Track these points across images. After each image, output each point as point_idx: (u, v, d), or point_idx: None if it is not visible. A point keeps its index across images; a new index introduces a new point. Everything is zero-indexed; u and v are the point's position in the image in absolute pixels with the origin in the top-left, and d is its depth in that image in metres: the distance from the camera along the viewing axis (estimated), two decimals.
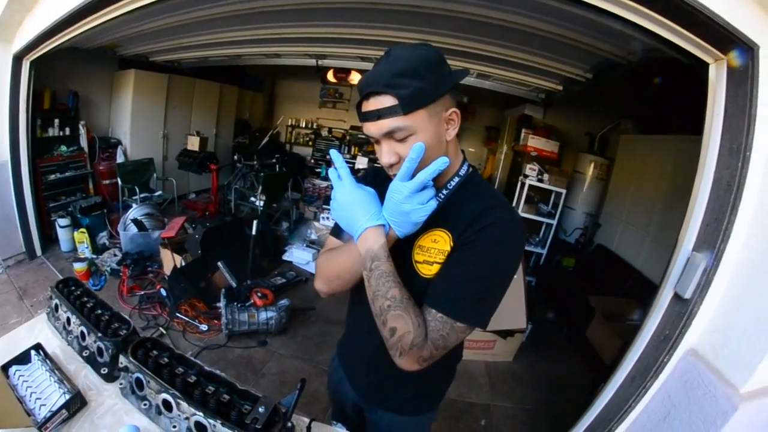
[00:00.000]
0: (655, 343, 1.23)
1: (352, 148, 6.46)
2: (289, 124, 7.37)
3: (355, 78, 5.58)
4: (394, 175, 0.76)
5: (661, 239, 3.20)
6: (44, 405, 1.08)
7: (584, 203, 4.38)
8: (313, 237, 4.55)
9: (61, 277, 3.24)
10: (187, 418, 0.98)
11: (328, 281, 0.92)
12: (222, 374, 1.21)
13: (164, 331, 2.84)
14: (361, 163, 5.44)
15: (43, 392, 1.12)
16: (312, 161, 6.95)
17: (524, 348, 2.90)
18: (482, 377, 2.73)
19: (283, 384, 2.46)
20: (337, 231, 0.97)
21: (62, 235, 3.90)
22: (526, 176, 4.19)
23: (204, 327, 2.88)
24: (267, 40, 3.60)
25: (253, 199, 4.74)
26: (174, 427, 1.00)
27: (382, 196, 0.80)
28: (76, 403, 1.10)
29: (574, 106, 4.43)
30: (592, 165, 4.30)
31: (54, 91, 4.20)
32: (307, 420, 1.09)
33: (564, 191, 4.14)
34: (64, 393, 1.11)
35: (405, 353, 0.73)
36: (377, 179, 0.89)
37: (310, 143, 7.23)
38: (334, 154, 0.85)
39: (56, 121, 4.24)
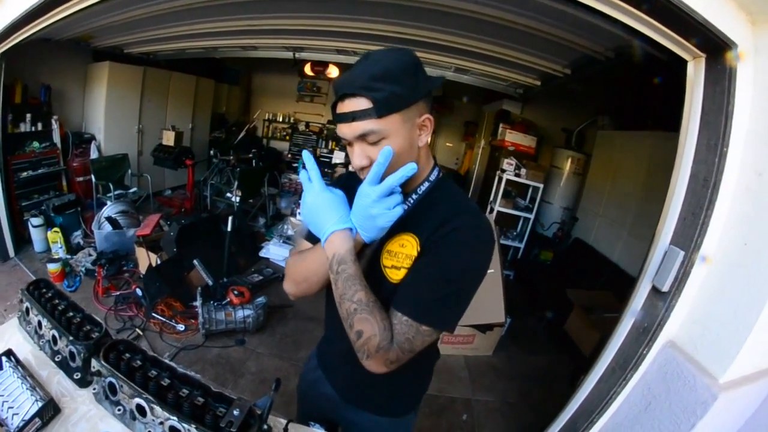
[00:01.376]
0: (634, 336, 1.26)
1: (330, 143, 6.38)
2: (266, 118, 7.22)
3: (332, 72, 5.51)
4: (365, 178, 0.75)
5: (637, 233, 3.29)
6: (17, 414, 1.04)
7: (561, 198, 4.46)
8: (290, 233, 4.49)
9: (34, 278, 3.12)
10: (161, 423, 0.94)
11: (296, 284, 0.92)
12: (196, 376, 1.17)
13: (141, 333, 2.77)
14: (338, 157, 5.39)
15: (16, 400, 1.07)
16: (289, 156, 6.84)
17: (504, 342, 2.94)
18: (462, 371, 2.75)
19: (262, 383, 2.43)
20: (309, 234, 0.96)
21: (35, 235, 3.72)
22: (503, 171, 4.24)
23: (181, 327, 2.81)
24: (244, 31, 3.51)
25: (229, 195, 4.66)
26: None
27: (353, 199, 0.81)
28: (49, 410, 1.06)
29: (551, 101, 4.51)
30: (569, 160, 4.38)
31: (26, 84, 3.98)
32: (284, 421, 1.07)
33: (541, 186, 4.21)
34: (36, 401, 1.06)
35: (371, 356, 0.74)
36: (350, 183, 0.88)
37: (288, 138, 7.10)
38: (306, 155, 0.84)
39: (28, 116, 4.01)
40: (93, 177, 4.38)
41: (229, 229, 3.43)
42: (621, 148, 3.81)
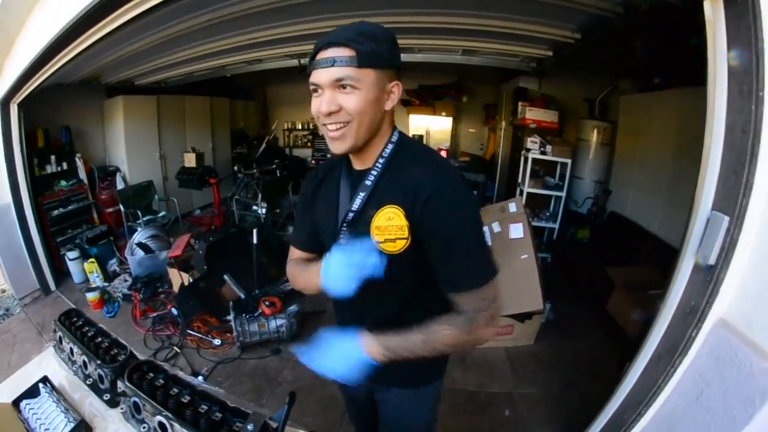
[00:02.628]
0: (681, 317, 1.13)
1: None
2: (286, 128, 7.33)
3: None
4: (329, 129, 0.82)
5: (675, 200, 3.06)
6: None
7: (592, 171, 4.23)
8: None
9: (76, 308, 3.28)
10: None
11: (300, 288, 1.05)
12: (218, 391, 1.19)
13: (179, 350, 2.83)
14: None
15: (51, 423, 1.15)
16: (313, 162, 6.89)
17: (545, 329, 2.80)
18: (503, 364, 2.65)
19: (298, 392, 2.41)
20: (294, 241, 1.12)
21: (73, 267, 3.93)
22: (528, 150, 4.07)
23: (217, 341, 2.86)
24: (246, 46, 3.53)
25: (255, 207, 4.70)
26: None
27: (330, 189, 0.97)
28: (81, 430, 1.12)
29: (568, 72, 4.27)
30: (595, 131, 4.15)
31: (46, 128, 4.22)
32: None
33: (569, 161, 4.01)
34: (69, 422, 1.14)
35: (478, 340, 0.87)
36: (331, 174, 0.99)
37: (309, 144, 7.18)
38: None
39: (52, 157, 4.25)
40: (121, 207, 4.56)
41: (254, 241, 3.47)
42: (646, 110, 3.57)
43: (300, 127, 7.27)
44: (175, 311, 3.02)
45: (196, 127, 5.97)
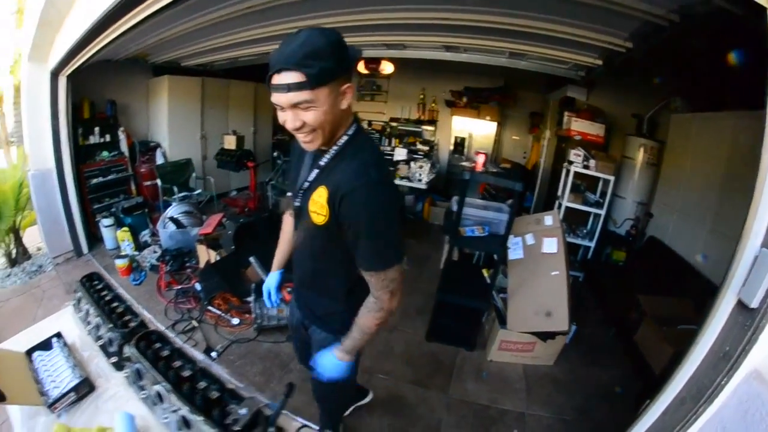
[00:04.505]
0: (712, 361, 1.02)
1: (392, 140, 6.25)
2: None
3: (386, 68, 5.40)
4: (300, 137, 0.97)
5: (720, 232, 2.84)
6: (57, 387, 1.18)
7: (635, 191, 3.99)
8: None
9: (104, 272, 3.47)
10: (174, 411, 0.99)
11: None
12: (218, 370, 1.21)
13: (197, 324, 2.90)
14: (400, 154, 5.28)
15: (59, 376, 1.23)
16: None
17: (567, 350, 2.67)
18: (519, 382, 2.55)
19: (306, 381, 2.42)
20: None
21: (106, 233, 4.11)
22: (570, 162, 3.89)
23: (235, 321, 2.91)
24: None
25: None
26: (165, 418, 1.02)
27: (300, 160, 1.15)
28: (85, 387, 1.20)
29: (617, 84, 4.04)
30: (642, 149, 3.90)
31: (92, 101, 4.43)
32: (299, 423, 1.04)
33: (612, 178, 3.80)
34: (74, 377, 1.21)
35: (386, 315, 1.10)
36: (299, 146, 1.07)
37: None
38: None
39: (96, 129, 4.47)
40: (159, 181, 4.72)
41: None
42: (698, 132, 3.32)
43: None
44: (198, 286, 3.11)
45: (238, 111, 6.09)
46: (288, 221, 1.48)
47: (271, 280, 1.53)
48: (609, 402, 2.37)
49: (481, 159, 3.09)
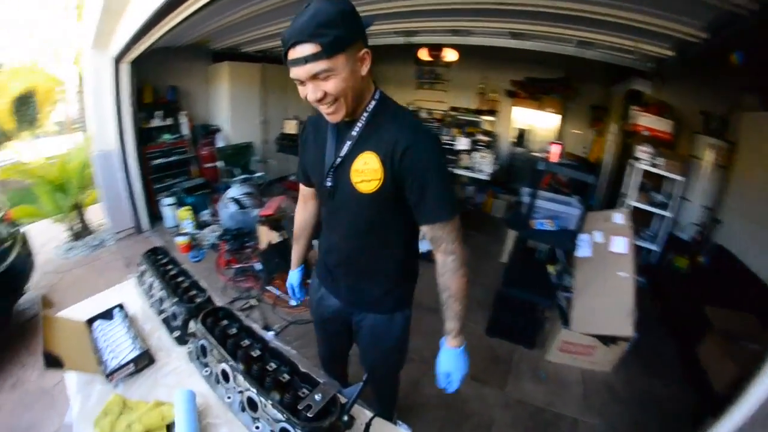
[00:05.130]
0: None
1: (452, 130, 6.02)
2: None
3: (448, 55, 5.30)
4: (323, 109, 0.96)
5: None
6: (116, 358, 1.17)
7: (702, 194, 3.67)
8: None
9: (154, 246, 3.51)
10: (240, 392, 0.95)
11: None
12: (290, 351, 1.17)
13: (256, 303, 2.96)
14: (462, 144, 5.17)
15: (118, 346, 1.22)
16: None
17: (626, 358, 2.51)
18: (577, 386, 2.43)
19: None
20: (298, 176, 1.34)
21: (167, 212, 4.32)
22: (636, 159, 3.65)
23: (294, 302, 2.90)
24: None
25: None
26: (228, 398, 0.99)
27: (319, 138, 1.11)
28: (144, 360, 1.18)
29: (687, 78, 3.73)
30: (711, 149, 3.57)
31: (155, 86, 4.64)
32: (369, 414, 0.99)
33: (682, 179, 3.54)
34: (135, 349, 1.20)
35: (465, 269, 1.07)
36: (317, 126, 1.13)
37: None
38: None
39: (159, 112, 4.67)
40: (218, 163, 4.87)
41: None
42: None
43: None
44: (259, 266, 3.16)
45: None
46: (300, 214, 1.46)
47: (294, 277, 1.52)
48: (664, 418, 2.22)
49: (556, 149, 2.91)
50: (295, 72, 0.89)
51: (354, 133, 1.02)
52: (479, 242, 4.37)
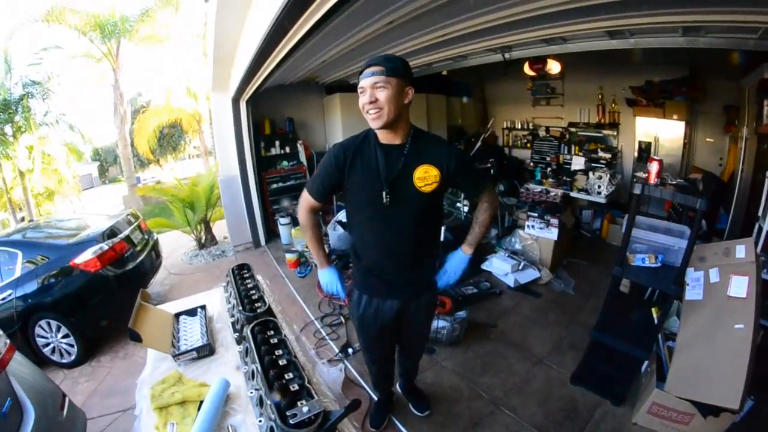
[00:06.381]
0: None
1: (573, 147, 5.68)
2: (505, 126, 6.93)
3: (553, 67, 4.94)
4: (370, 113, 1.33)
5: None
6: (186, 344, 1.50)
7: None
8: (517, 246, 4.08)
9: (275, 263, 4.09)
10: (258, 390, 1.11)
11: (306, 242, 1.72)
12: (309, 368, 1.25)
13: (344, 320, 3.17)
14: (578, 163, 4.91)
15: (192, 336, 1.55)
16: (531, 164, 6.15)
17: (733, 431, 1.87)
18: None
19: (431, 396, 2.32)
20: (313, 190, 1.53)
21: (282, 230, 4.93)
22: None
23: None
24: (447, 41, 3.39)
25: (459, 204, 4.64)
26: (250, 393, 1.16)
27: (368, 159, 1.42)
28: (205, 350, 1.46)
29: None
30: None
31: (272, 119, 5.35)
32: None
33: None
34: (201, 341, 1.50)
35: (494, 206, 1.62)
36: (360, 152, 1.44)
37: (529, 145, 6.48)
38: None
39: (277, 142, 5.37)
40: None
41: (441, 239, 3.43)
42: None
43: (519, 126, 6.72)
44: None
45: (412, 122, 6.42)
46: (311, 220, 1.61)
47: (331, 276, 1.69)
48: None
49: (654, 168, 2.40)
50: (364, 82, 1.31)
51: (405, 152, 1.39)
52: (590, 275, 3.81)
